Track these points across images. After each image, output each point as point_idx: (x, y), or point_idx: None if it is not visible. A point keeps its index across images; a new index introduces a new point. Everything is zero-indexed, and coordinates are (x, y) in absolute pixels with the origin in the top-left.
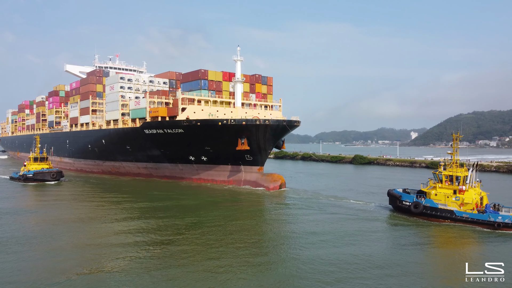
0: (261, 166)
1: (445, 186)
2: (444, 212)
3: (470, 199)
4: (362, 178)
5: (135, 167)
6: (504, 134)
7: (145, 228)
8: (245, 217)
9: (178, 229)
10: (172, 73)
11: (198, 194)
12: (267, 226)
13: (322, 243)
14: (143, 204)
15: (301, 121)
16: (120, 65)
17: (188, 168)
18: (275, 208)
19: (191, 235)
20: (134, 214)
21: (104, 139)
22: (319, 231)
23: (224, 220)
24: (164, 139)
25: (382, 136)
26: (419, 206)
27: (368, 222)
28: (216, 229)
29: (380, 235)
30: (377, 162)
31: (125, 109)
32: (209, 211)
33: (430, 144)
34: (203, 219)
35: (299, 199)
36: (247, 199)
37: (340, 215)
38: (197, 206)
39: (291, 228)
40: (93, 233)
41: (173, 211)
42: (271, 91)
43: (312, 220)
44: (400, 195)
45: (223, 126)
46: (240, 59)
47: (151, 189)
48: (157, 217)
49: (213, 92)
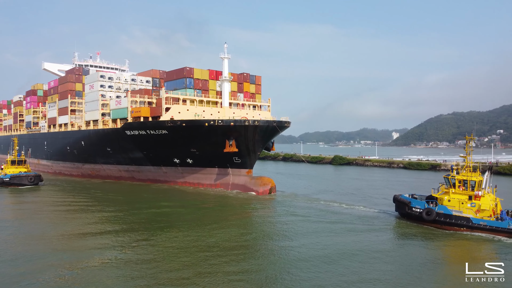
0: (250, 169)
1: (459, 191)
2: (459, 219)
3: (487, 205)
4: (349, 179)
5: (117, 170)
6: (483, 135)
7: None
8: (230, 229)
9: (153, 244)
10: (156, 71)
11: (181, 200)
12: (254, 243)
13: (328, 275)
14: (121, 214)
15: (290, 121)
16: (101, 63)
17: (173, 171)
18: (266, 218)
19: (168, 250)
20: (113, 226)
21: (84, 141)
22: (317, 251)
23: (205, 237)
24: (147, 140)
25: (365, 136)
26: (431, 213)
27: (377, 234)
28: (193, 254)
29: (395, 253)
30: (356, 162)
31: (105, 109)
32: (185, 224)
33: (411, 144)
34: (175, 234)
35: (291, 205)
36: (235, 205)
37: (342, 224)
38: (175, 214)
39: (282, 246)
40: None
41: (149, 219)
42: (259, 90)
43: (309, 233)
44: (409, 201)
45: (209, 127)
46: (227, 56)
47: (132, 194)
48: (131, 229)
49: (199, 91)
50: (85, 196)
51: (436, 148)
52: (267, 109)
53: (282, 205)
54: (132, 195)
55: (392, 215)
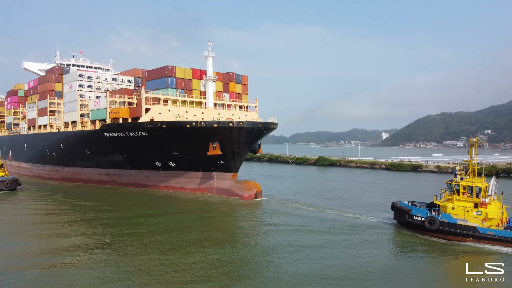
0: (235, 173)
1: (464, 198)
2: (465, 229)
3: (495, 213)
4: (334, 182)
5: (97, 173)
6: (470, 135)
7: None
8: (209, 254)
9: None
10: (138, 70)
11: (159, 207)
12: (236, 269)
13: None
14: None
15: (278, 123)
16: (84, 62)
17: (155, 175)
18: (250, 231)
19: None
20: (95, 239)
21: (62, 143)
22: (311, 269)
23: (180, 267)
24: (126, 143)
25: (355, 136)
26: (435, 222)
27: (375, 246)
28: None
29: (399, 271)
30: (339, 163)
31: (84, 110)
32: (158, 243)
33: (399, 144)
34: (145, 259)
35: (278, 212)
36: (218, 214)
37: (334, 234)
38: (148, 228)
39: (268, 264)
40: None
41: (113, 237)
42: (246, 90)
43: (297, 246)
44: (409, 209)
45: (192, 129)
46: (212, 55)
47: (103, 200)
48: (112, 240)
49: (182, 91)
50: (56, 203)
51: (424, 148)
52: (254, 110)
53: (268, 212)
54: (103, 201)
55: (390, 223)
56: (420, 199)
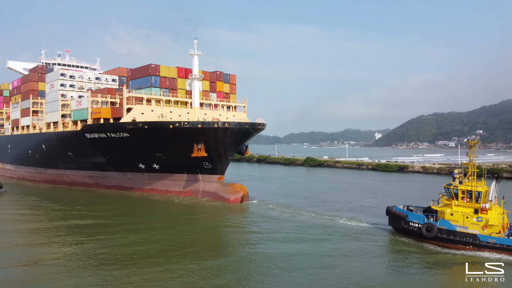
0: (221, 175)
1: (463, 203)
2: (464, 236)
3: (496, 219)
4: (322, 183)
5: (80, 175)
6: (462, 135)
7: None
8: (191, 275)
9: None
10: (123, 69)
11: (140, 214)
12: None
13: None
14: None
15: (266, 123)
16: (69, 61)
17: (139, 177)
18: (237, 241)
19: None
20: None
21: (45, 144)
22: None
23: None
24: (108, 144)
25: (348, 137)
26: (432, 229)
27: (371, 255)
28: None
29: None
30: (327, 164)
31: (66, 110)
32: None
33: (392, 144)
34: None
35: (266, 217)
36: (203, 216)
37: (325, 243)
38: (121, 240)
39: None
40: None
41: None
42: (234, 90)
43: (284, 256)
44: (405, 215)
45: (175, 130)
46: (198, 53)
47: (92, 203)
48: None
49: (166, 91)
50: (30, 208)
51: (416, 148)
52: (242, 110)
53: (254, 218)
54: (79, 205)
55: (384, 229)
56: (410, 200)
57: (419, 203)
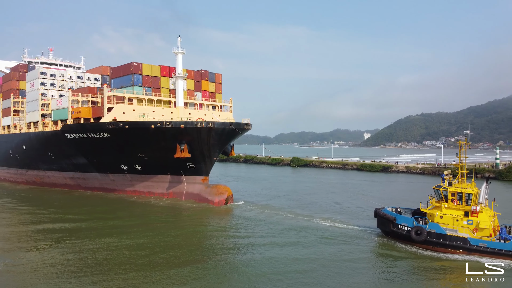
0: (205, 176)
1: (453, 206)
2: (455, 240)
3: (487, 222)
4: (308, 183)
5: (61, 177)
6: (450, 135)
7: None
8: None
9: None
10: (106, 67)
11: (119, 216)
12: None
13: None
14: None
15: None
16: (53, 60)
17: (121, 179)
18: (216, 238)
19: None
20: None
21: (25, 145)
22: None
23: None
24: (89, 144)
25: (338, 137)
26: (422, 232)
27: (359, 260)
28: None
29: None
30: (313, 164)
31: (46, 110)
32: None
33: (380, 144)
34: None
35: (250, 220)
36: (186, 220)
37: (313, 247)
38: (107, 234)
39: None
40: None
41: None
42: (220, 89)
43: (265, 262)
44: (394, 217)
45: (156, 130)
46: (181, 51)
47: (67, 205)
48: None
49: (149, 89)
50: (4, 211)
51: (404, 148)
52: (228, 110)
53: (239, 220)
54: (55, 208)
55: (372, 232)
56: (397, 200)
57: (405, 203)
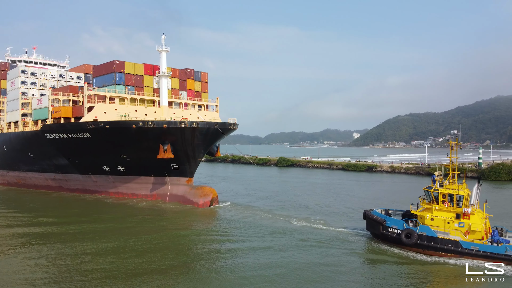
0: (190, 177)
1: (444, 208)
2: (446, 243)
3: (479, 225)
4: (294, 184)
5: (43, 178)
6: (437, 135)
7: None
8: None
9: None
10: (88, 66)
11: (100, 214)
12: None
13: None
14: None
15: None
16: (36, 58)
17: (103, 180)
18: (197, 243)
19: None
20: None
21: (5, 145)
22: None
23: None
24: (70, 145)
25: (328, 137)
26: (412, 235)
27: (347, 264)
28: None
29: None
30: (299, 164)
31: (27, 109)
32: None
33: (369, 144)
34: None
35: (234, 222)
36: (167, 220)
37: (300, 252)
38: (88, 238)
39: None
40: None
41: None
42: (206, 88)
43: (249, 268)
44: (384, 220)
45: (138, 130)
46: (165, 49)
47: (43, 207)
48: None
49: (132, 88)
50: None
51: (393, 148)
52: (215, 109)
53: (223, 223)
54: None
55: (362, 235)
56: (381, 199)
57: (393, 204)
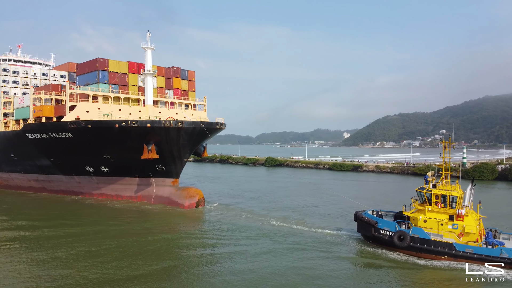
0: (175, 178)
1: (437, 209)
2: (440, 245)
3: (473, 227)
4: (283, 183)
5: (25, 179)
6: (426, 135)
7: None
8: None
9: None
10: (72, 64)
11: (80, 217)
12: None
13: None
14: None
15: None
16: (21, 57)
17: (87, 181)
18: (180, 247)
19: None
20: None
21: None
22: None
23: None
24: (51, 145)
25: (319, 136)
26: (405, 237)
27: (339, 269)
28: None
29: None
30: (287, 164)
31: (8, 108)
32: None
33: (359, 144)
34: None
35: (221, 224)
36: (150, 223)
37: (289, 256)
38: (70, 244)
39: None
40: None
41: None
42: (193, 87)
43: (233, 274)
44: (375, 222)
45: (121, 129)
46: (151, 47)
47: (17, 209)
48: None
49: (116, 87)
50: None
51: (382, 148)
52: (202, 109)
53: (209, 225)
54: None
55: (353, 237)
56: (369, 199)
57: (381, 204)
